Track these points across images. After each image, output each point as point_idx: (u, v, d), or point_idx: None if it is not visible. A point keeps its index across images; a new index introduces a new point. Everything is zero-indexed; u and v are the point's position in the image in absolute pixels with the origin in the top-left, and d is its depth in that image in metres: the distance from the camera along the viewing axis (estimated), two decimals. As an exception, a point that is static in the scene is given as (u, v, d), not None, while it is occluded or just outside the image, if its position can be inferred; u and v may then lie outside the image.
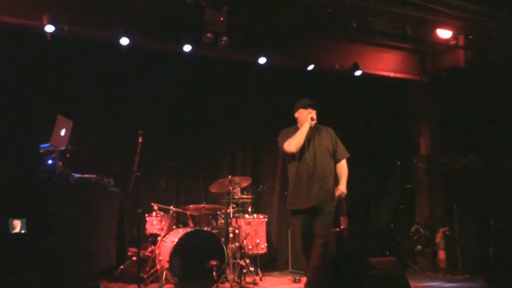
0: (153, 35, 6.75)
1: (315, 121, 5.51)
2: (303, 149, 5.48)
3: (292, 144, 5.44)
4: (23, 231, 4.33)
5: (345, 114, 8.72)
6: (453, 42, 7.86)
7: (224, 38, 6.69)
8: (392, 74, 8.22)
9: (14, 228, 4.33)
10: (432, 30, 7.73)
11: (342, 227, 7.69)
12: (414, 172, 8.66)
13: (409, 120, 8.89)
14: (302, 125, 5.51)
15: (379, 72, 8.13)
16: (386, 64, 8.21)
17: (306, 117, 5.50)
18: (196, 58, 7.12)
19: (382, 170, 8.82)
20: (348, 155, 5.72)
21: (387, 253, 8.17)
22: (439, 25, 7.60)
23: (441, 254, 7.71)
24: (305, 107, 5.60)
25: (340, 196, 5.54)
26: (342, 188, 5.55)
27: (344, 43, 7.96)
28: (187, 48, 6.73)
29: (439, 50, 8.24)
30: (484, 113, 7.86)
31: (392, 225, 8.49)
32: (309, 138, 5.52)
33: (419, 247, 7.98)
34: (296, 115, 5.69)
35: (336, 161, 5.64)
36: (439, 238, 7.78)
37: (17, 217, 4.39)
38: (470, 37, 7.71)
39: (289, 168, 5.63)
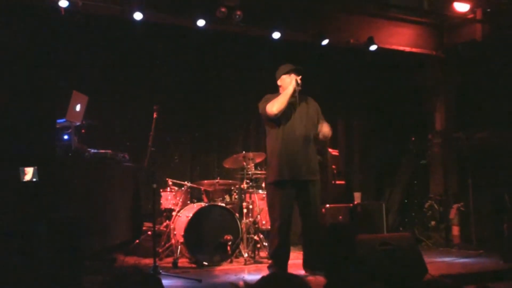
0: (166, 10, 6.71)
1: (300, 87, 5.14)
2: (289, 117, 5.13)
3: (275, 105, 5.03)
4: (34, 179, 4.34)
5: (359, 89, 8.67)
6: (471, 16, 7.71)
7: (238, 13, 6.63)
8: (407, 49, 8.10)
9: (24, 176, 4.36)
10: (449, 3, 7.60)
11: (355, 202, 7.70)
12: (428, 148, 8.60)
13: (424, 95, 8.80)
14: None
15: (394, 47, 8.01)
16: (402, 38, 8.09)
17: (289, 84, 5.14)
18: (210, 32, 7.07)
19: (396, 146, 8.79)
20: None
21: (401, 228, 8.20)
22: (456, -2, 7.47)
23: (455, 230, 7.70)
24: (288, 72, 5.24)
25: (325, 136, 5.18)
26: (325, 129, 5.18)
27: (359, 17, 7.84)
28: (200, 22, 6.67)
29: (456, 24, 8.08)
30: (500, 88, 7.75)
31: (406, 201, 8.49)
32: (296, 107, 5.18)
33: (433, 222, 7.97)
34: (279, 82, 5.33)
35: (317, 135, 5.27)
36: (453, 213, 7.75)
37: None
38: (488, 10, 7.56)
39: (272, 135, 5.22)
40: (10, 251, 4.20)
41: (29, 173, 4.38)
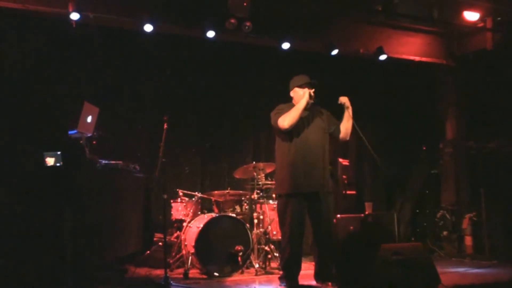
0: (176, 21, 6.76)
1: (313, 101, 5.15)
2: (301, 128, 5.13)
3: (286, 119, 5.02)
4: (58, 164, 4.38)
5: (370, 99, 8.64)
6: (481, 25, 7.69)
7: (248, 24, 6.67)
8: (417, 58, 8.09)
9: (47, 163, 4.40)
10: (458, 12, 7.58)
11: (367, 212, 7.66)
12: (440, 157, 8.56)
13: (435, 104, 8.77)
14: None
15: (405, 56, 8.01)
16: (412, 47, 8.08)
17: (301, 97, 5.14)
18: (220, 43, 7.10)
19: (407, 155, 8.74)
20: None
21: (413, 238, 8.14)
22: (466, 7, 7.45)
23: (468, 240, 7.65)
24: (301, 86, 5.26)
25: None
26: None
27: (369, 27, 7.85)
28: (210, 34, 6.71)
29: (466, 32, 8.08)
30: (512, 97, 7.72)
31: (417, 211, 8.43)
32: (308, 118, 5.19)
33: (445, 232, 7.91)
34: (292, 94, 5.35)
35: (338, 135, 5.34)
36: (465, 223, 7.70)
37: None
38: (498, 19, 7.54)
39: (282, 147, 5.20)
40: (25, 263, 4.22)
41: (52, 159, 4.41)
